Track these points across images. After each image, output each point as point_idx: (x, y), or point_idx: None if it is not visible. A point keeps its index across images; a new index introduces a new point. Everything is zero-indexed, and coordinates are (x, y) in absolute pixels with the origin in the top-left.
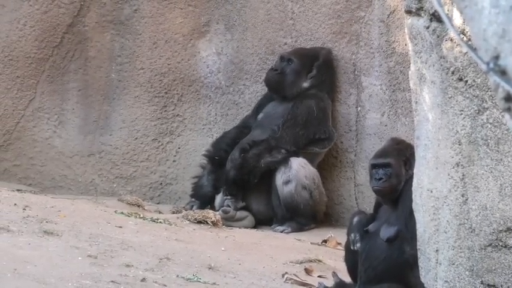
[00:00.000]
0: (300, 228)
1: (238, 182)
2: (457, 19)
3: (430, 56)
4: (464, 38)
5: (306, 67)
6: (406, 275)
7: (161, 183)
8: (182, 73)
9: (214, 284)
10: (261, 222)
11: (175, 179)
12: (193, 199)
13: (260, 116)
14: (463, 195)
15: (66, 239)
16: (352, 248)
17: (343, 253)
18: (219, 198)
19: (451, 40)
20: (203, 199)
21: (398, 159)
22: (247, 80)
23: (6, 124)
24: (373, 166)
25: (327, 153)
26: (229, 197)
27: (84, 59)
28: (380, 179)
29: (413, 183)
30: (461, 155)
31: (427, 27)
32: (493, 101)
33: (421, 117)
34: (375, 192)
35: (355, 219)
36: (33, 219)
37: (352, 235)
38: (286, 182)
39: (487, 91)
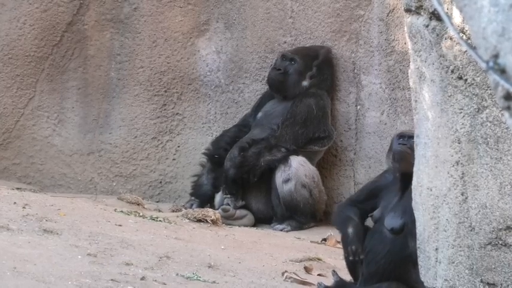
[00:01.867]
0: (300, 226)
1: (238, 181)
2: (457, 18)
3: (430, 54)
4: (464, 37)
5: (307, 66)
6: (408, 270)
7: (161, 182)
8: (182, 72)
9: (214, 282)
10: (260, 221)
11: (174, 178)
12: (192, 197)
13: (259, 114)
14: (462, 194)
15: (66, 238)
16: (352, 258)
17: (342, 251)
18: (218, 197)
19: (451, 39)
20: (203, 198)
21: None
22: (247, 79)
23: (5, 123)
24: None
25: (326, 151)
26: (228, 196)
27: (83, 58)
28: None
29: (413, 181)
30: (461, 154)
31: (427, 26)
32: (493, 100)
33: (420, 116)
34: None
35: (350, 230)
36: (32, 218)
37: (354, 247)
38: (286, 181)
39: (487, 89)
